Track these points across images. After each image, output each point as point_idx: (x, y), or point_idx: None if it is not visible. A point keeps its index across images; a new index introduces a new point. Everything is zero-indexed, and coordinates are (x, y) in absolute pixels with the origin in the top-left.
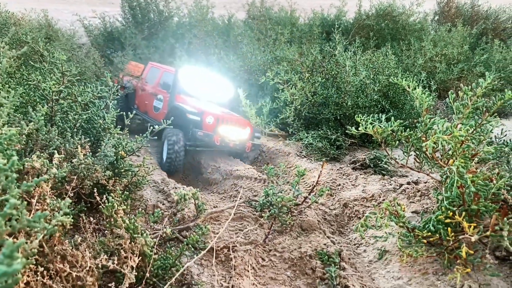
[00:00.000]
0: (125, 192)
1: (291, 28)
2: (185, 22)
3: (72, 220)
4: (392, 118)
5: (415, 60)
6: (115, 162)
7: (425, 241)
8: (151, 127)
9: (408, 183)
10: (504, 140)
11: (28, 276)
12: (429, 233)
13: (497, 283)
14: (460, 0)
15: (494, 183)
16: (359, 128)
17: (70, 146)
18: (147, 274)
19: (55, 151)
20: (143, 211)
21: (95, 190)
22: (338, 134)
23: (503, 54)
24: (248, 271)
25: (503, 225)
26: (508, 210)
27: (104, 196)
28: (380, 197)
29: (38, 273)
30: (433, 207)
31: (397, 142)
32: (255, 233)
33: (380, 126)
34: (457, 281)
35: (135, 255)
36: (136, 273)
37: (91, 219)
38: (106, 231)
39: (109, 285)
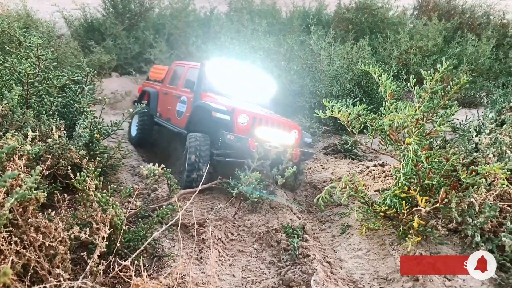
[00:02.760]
0: (98, 169)
1: (271, 20)
2: (166, 13)
3: (46, 195)
4: (358, 102)
5: (391, 52)
6: (90, 144)
7: (382, 214)
8: (126, 111)
9: (375, 166)
10: (469, 125)
11: (2, 245)
12: (387, 207)
13: (447, 251)
14: None
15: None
16: (326, 112)
17: (46, 128)
18: (118, 245)
19: (29, 131)
20: (115, 187)
21: (70, 169)
22: (312, 121)
23: (476, 47)
24: (217, 244)
25: (452, 197)
26: (457, 184)
27: (78, 173)
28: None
29: (12, 243)
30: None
31: (362, 125)
32: (226, 211)
33: (346, 110)
34: (408, 248)
35: (106, 226)
36: (107, 243)
37: (65, 195)
38: (79, 206)
39: (81, 254)
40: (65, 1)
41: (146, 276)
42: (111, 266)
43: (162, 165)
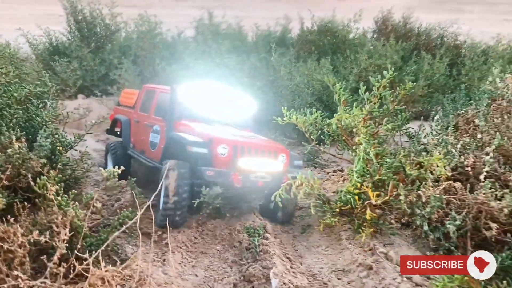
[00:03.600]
0: (59, 175)
1: (238, 43)
2: (133, 36)
3: (5, 201)
4: (314, 109)
5: (351, 70)
6: (52, 156)
7: (338, 210)
8: (89, 122)
9: (334, 171)
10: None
11: None
12: (342, 204)
13: (399, 242)
14: (395, 18)
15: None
16: (284, 118)
17: (5, 140)
18: (79, 246)
19: None
20: (76, 193)
21: (30, 177)
22: (277, 134)
23: (431, 65)
24: (180, 247)
25: (400, 191)
26: (404, 179)
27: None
28: None
29: None
30: None
31: (319, 132)
32: (190, 217)
33: (302, 117)
34: (363, 239)
35: (66, 228)
36: (68, 245)
37: (26, 203)
38: (39, 212)
39: (41, 258)
40: (31, 28)
41: (104, 267)
42: (72, 268)
43: (122, 167)
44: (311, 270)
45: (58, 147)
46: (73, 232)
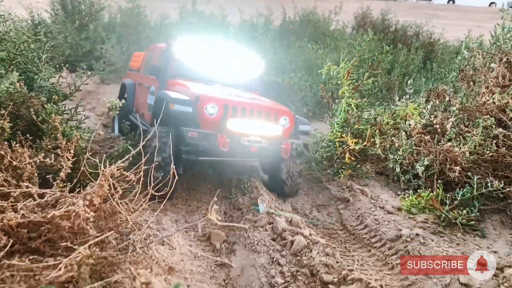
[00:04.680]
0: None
1: (222, 28)
2: (117, 17)
3: (11, 125)
4: (298, 72)
5: (331, 56)
6: (47, 104)
7: (324, 156)
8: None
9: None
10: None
11: None
12: (325, 151)
13: (374, 184)
14: (373, 15)
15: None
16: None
17: (6, 81)
18: (82, 168)
19: None
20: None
21: (33, 111)
22: None
23: (406, 56)
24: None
25: (376, 138)
26: (381, 127)
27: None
28: None
29: None
30: None
31: (302, 94)
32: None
33: (288, 77)
34: (341, 178)
35: (71, 152)
36: (72, 166)
37: (28, 135)
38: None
39: (47, 177)
40: (11, 2)
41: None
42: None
43: (123, 101)
44: (294, 205)
45: (54, 96)
46: (76, 158)
